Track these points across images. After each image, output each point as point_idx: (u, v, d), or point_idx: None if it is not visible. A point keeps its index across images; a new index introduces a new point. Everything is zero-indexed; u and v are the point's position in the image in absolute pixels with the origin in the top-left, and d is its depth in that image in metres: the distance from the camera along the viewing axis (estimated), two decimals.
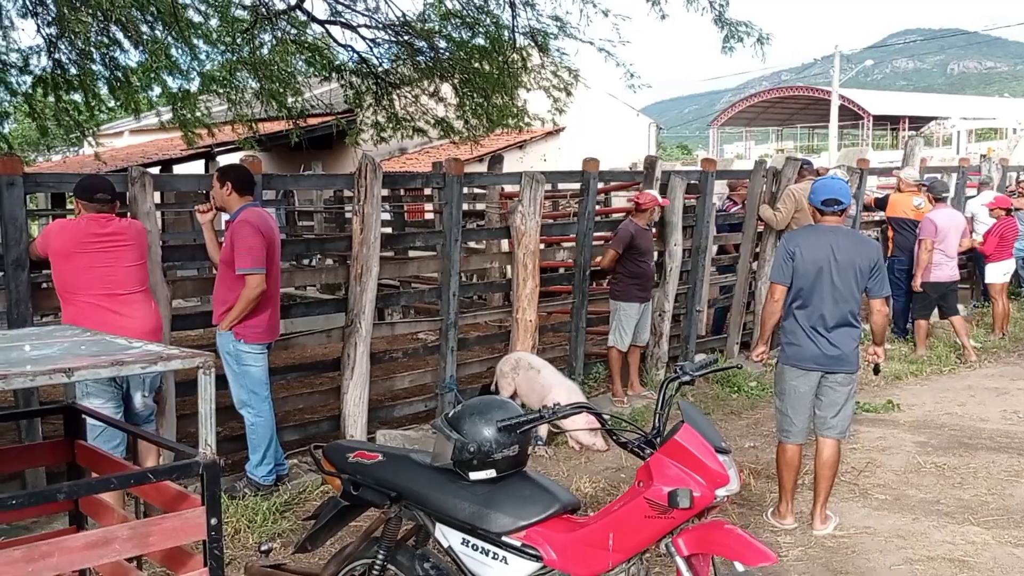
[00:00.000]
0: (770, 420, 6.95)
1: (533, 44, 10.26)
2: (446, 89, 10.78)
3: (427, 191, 12.38)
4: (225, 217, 5.36)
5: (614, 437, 3.18)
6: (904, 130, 51.62)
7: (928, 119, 50.20)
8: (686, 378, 3.27)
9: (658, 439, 3.04)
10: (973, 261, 11.46)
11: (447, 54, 10.13)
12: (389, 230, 11.91)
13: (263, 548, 3.51)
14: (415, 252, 10.50)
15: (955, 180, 11.28)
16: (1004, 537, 4.60)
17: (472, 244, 10.85)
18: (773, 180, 8.99)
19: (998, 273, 9.88)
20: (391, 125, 10.70)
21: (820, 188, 4.76)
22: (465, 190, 12.49)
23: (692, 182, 8.59)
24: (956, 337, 9.08)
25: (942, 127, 43.28)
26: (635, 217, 7.51)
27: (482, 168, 16.27)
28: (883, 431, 6.58)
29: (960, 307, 11.09)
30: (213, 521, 2.19)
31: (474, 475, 3.08)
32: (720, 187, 14.47)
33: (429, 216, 14.46)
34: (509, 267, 9.17)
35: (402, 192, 14.05)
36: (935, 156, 23.15)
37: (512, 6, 9.45)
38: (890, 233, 9.58)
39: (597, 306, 8.31)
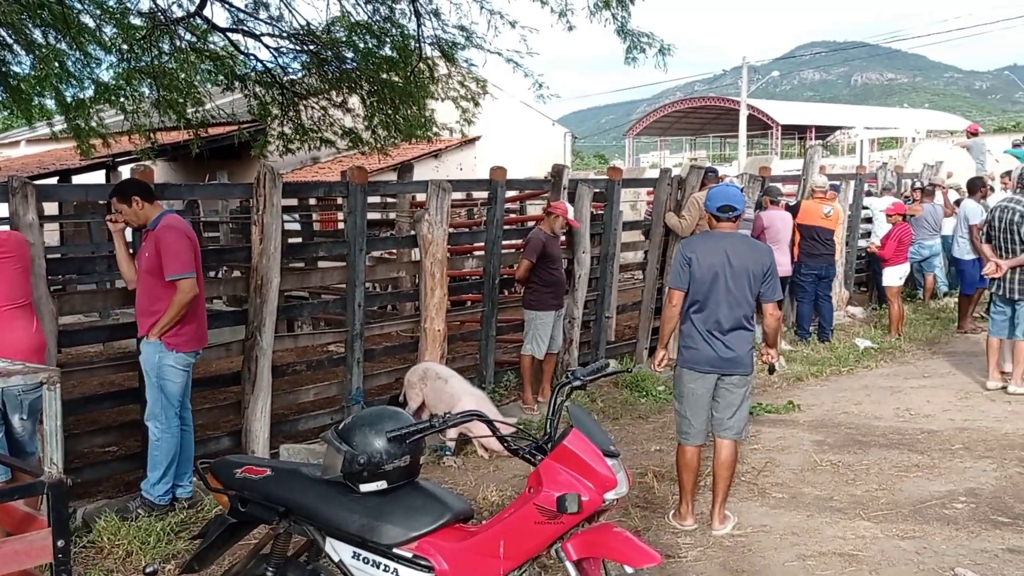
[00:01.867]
0: None
1: (441, 55, 10.25)
2: (355, 100, 10.69)
3: (339, 200, 12.23)
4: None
5: (506, 444, 3.18)
6: (811, 139, 53.34)
7: (833, 128, 51.86)
8: (578, 383, 3.29)
9: (549, 444, 3.05)
10: (870, 265, 11.89)
11: (354, 64, 10.04)
12: (299, 240, 11.76)
13: (148, 570, 3.39)
14: (325, 263, 10.35)
15: (853, 187, 11.68)
16: (891, 531, 4.75)
17: (383, 254, 10.76)
18: (678, 188, 9.15)
19: (894, 277, 10.27)
20: (298, 136, 10.55)
21: (715, 195, 4.86)
22: (378, 199, 12.51)
23: (599, 190, 8.70)
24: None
25: (847, 136, 44.80)
26: (543, 224, 7.58)
27: (394, 177, 16.18)
28: (783, 431, 6.74)
29: (859, 309, 11.53)
30: (60, 543, 2.08)
31: (364, 487, 3.04)
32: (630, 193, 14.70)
33: (343, 226, 14.29)
34: (418, 276, 9.13)
35: (312, 201, 13.86)
36: (838, 164, 23.95)
37: (418, 16, 9.42)
38: (796, 239, 9.86)
39: (507, 314, 8.33)
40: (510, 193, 8.98)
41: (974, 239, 9.66)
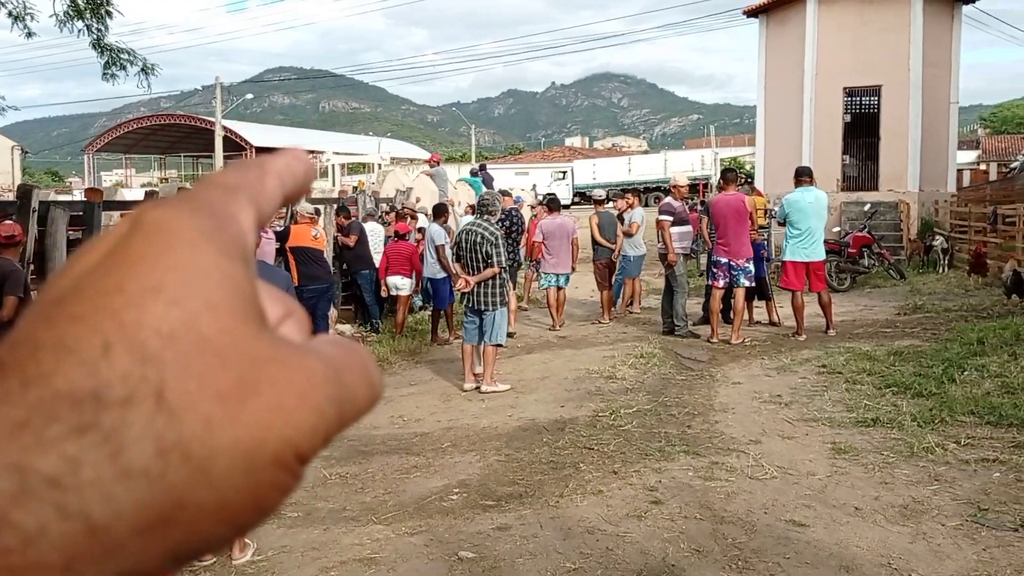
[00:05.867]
0: None
1: None
2: None
3: None
4: None
5: None
6: None
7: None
8: None
9: None
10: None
11: None
12: None
13: None
14: None
15: (336, 210, 12.33)
16: (401, 529, 5.16)
17: None
18: None
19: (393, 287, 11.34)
20: None
21: None
22: None
23: (76, 214, 7.95)
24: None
25: (318, 161, 46.87)
26: (6, 253, 6.62)
27: None
28: None
29: (348, 327, 12.21)
30: None
31: None
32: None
33: None
34: None
35: None
36: (316, 188, 25.06)
37: None
38: (291, 260, 10.08)
39: None
40: None
41: (441, 259, 10.90)
